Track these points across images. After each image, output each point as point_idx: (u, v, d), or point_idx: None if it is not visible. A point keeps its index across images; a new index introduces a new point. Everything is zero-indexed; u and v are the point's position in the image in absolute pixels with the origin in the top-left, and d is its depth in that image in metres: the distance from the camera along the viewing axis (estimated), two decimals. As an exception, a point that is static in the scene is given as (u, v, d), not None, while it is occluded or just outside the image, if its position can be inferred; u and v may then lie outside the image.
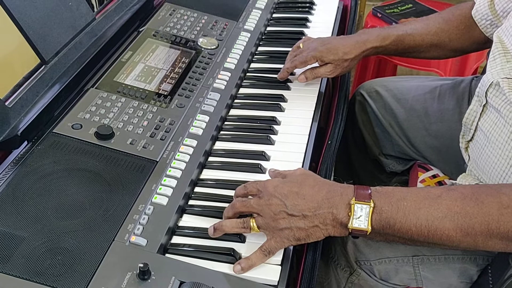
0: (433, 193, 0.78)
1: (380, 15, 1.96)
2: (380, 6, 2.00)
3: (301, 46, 1.20)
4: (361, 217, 0.76)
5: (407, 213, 0.76)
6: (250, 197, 0.84)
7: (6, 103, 0.95)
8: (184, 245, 0.82)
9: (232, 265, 0.79)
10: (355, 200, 0.77)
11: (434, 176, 1.25)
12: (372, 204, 0.76)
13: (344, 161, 1.47)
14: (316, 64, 1.17)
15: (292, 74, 1.23)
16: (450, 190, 0.78)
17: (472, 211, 0.75)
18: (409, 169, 1.34)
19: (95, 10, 1.38)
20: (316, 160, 1.06)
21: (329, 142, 1.08)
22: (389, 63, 2.08)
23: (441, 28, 1.17)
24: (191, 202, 0.91)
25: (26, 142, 0.95)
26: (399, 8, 1.96)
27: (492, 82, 0.95)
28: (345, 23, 1.55)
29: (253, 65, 1.30)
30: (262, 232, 0.81)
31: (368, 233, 0.77)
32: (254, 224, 0.80)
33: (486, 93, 0.97)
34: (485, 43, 1.15)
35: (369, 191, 0.78)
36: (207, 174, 0.97)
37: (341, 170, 1.49)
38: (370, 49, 1.16)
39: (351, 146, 1.43)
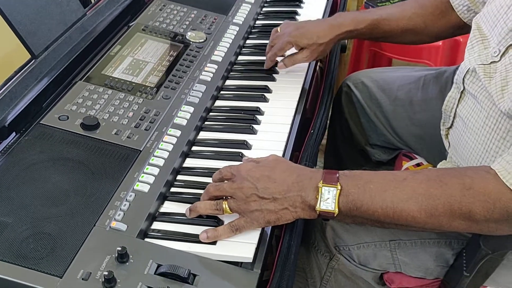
0: (399, 176, 0.81)
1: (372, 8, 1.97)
2: (372, -1, 2.01)
3: (279, 30, 1.22)
4: (328, 200, 0.79)
5: (373, 195, 0.78)
6: (225, 181, 0.86)
7: (-5, 96, 0.98)
8: (164, 230, 0.85)
9: (208, 248, 0.82)
10: (322, 183, 0.80)
11: (418, 165, 1.27)
12: (339, 187, 0.79)
13: (332, 151, 1.49)
14: (294, 50, 1.19)
15: (277, 65, 1.25)
16: (416, 173, 0.81)
17: (436, 192, 0.77)
18: (395, 158, 1.36)
19: (93, 1, 1.41)
20: (300, 149, 1.09)
21: (312, 131, 1.10)
22: (383, 56, 2.09)
23: (416, 13, 1.19)
24: (173, 189, 0.94)
25: (14, 133, 0.97)
26: (390, 1, 1.97)
27: (469, 68, 0.97)
28: (335, 16, 1.57)
29: (240, 57, 1.32)
30: (234, 213, 0.83)
31: (335, 215, 0.80)
32: (227, 206, 0.83)
33: (463, 79, 0.99)
34: (463, 28, 1.16)
35: (337, 175, 0.81)
36: (190, 162, 1.00)
37: (329, 160, 1.52)
38: (344, 33, 1.18)
39: (338, 137, 1.45)
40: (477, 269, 0.88)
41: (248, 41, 1.39)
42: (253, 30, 1.44)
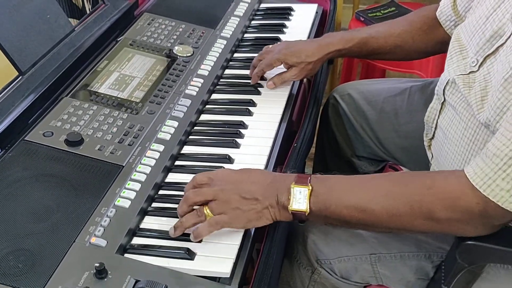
0: (365, 178, 0.87)
1: (362, 19, 1.99)
2: (363, 10, 2.03)
3: (270, 48, 1.24)
4: (300, 199, 0.83)
5: (340, 196, 0.83)
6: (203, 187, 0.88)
7: (-19, 113, 0.99)
8: (143, 245, 0.86)
9: (186, 263, 0.82)
10: (294, 184, 0.84)
11: (403, 176, 1.28)
12: (310, 187, 0.83)
13: (321, 163, 1.50)
14: (283, 69, 1.20)
15: (264, 79, 1.26)
16: (381, 175, 0.86)
17: (397, 192, 0.81)
18: (382, 170, 1.37)
19: (88, 11, 1.43)
20: (283, 162, 1.09)
21: (295, 145, 1.11)
22: (376, 67, 2.10)
23: (404, 30, 1.21)
24: (154, 204, 0.95)
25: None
26: (381, 11, 1.99)
27: (449, 79, 0.99)
28: (324, 27, 1.59)
29: (227, 71, 1.33)
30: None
31: (307, 214, 0.83)
32: (208, 211, 0.85)
33: (443, 90, 1.00)
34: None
35: (309, 178, 0.85)
36: (172, 177, 1.01)
37: (318, 171, 1.52)
38: (333, 52, 1.20)
39: (326, 149, 1.46)
40: (454, 282, 0.88)
41: (235, 55, 1.40)
42: (241, 44, 1.45)
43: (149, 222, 0.91)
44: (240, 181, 0.86)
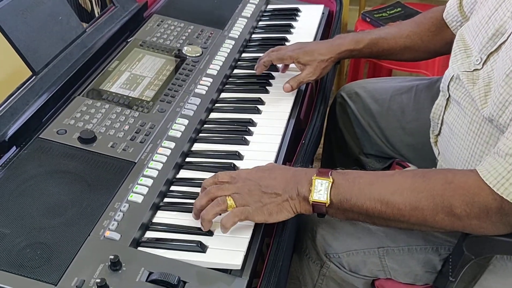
0: (387, 173, 0.87)
1: (369, 20, 2.01)
2: (369, 11, 2.05)
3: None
4: (321, 191, 0.84)
5: (362, 188, 0.84)
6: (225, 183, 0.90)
7: (-3, 112, 1.02)
8: (156, 239, 0.88)
9: (198, 255, 0.84)
10: (316, 176, 0.85)
11: (410, 173, 1.29)
12: (331, 180, 0.85)
13: (329, 161, 1.52)
14: (294, 74, 1.23)
15: (272, 77, 1.28)
16: (403, 171, 0.85)
17: (420, 186, 0.82)
18: (389, 167, 1.38)
19: (97, 14, 1.45)
20: (292, 159, 1.11)
21: (303, 142, 1.13)
22: (383, 67, 2.12)
23: (413, 31, 1.23)
24: (166, 199, 0.97)
25: (14, 147, 1.01)
26: (387, 12, 2.00)
27: (453, 75, 1.01)
28: (330, 27, 1.61)
29: (235, 71, 1.35)
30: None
31: (327, 205, 0.84)
32: (232, 201, 0.86)
33: (448, 86, 1.02)
34: None
35: (330, 171, 0.86)
36: (183, 173, 1.03)
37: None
38: (344, 52, 1.22)
39: (333, 147, 1.48)
40: (462, 274, 0.90)
41: (243, 55, 1.42)
42: (248, 44, 1.47)
43: (162, 217, 0.93)
44: (261, 177, 0.88)
